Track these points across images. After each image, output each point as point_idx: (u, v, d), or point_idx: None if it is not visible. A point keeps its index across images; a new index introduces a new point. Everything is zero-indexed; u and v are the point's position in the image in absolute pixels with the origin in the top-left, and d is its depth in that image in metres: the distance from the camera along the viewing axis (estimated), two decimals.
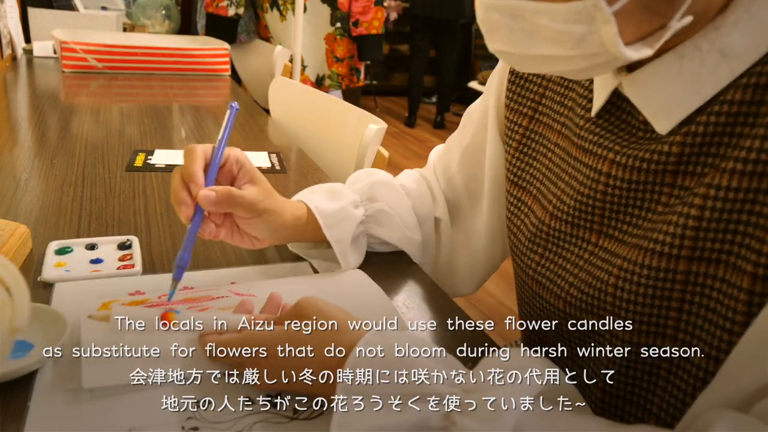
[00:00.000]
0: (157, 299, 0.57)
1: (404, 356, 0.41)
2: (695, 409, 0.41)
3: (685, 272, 0.43)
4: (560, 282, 0.53)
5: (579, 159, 0.52)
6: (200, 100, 1.68)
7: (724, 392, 0.39)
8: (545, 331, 0.57)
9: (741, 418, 0.36)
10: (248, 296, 0.60)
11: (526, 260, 0.58)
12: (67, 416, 0.42)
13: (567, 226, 0.53)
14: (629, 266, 0.46)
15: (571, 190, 0.53)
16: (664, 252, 0.44)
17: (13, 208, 0.78)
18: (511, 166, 0.63)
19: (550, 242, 0.55)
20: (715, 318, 0.42)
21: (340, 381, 0.40)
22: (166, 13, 2.49)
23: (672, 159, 0.44)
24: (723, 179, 0.41)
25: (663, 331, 0.45)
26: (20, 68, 1.81)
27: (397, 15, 4.99)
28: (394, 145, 4.42)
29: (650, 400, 0.48)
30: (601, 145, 0.49)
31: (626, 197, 0.48)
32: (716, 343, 0.41)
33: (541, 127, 0.60)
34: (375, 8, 2.42)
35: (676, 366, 0.45)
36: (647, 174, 0.46)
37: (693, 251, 0.43)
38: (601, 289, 0.48)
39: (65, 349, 0.49)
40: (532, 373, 0.39)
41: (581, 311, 0.51)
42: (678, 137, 0.44)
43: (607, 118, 0.50)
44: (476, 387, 0.40)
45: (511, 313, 2.27)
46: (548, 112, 0.59)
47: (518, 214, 0.62)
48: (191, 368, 0.48)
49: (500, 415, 0.36)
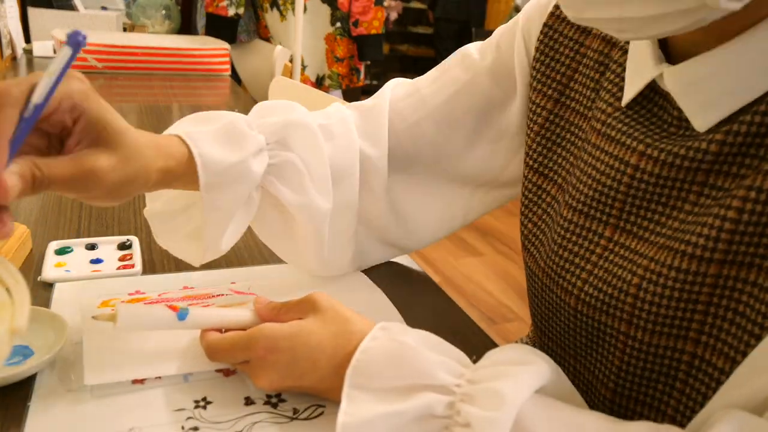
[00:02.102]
0: (158, 297, 0.57)
1: (411, 348, 0.42)
2: (705, 411, 0.41)
3: (716, 275, 0.41)
4: (570, 277, 0.51)
5: (602, 148, 0.49)
6: (200, 100, 1.68)
7: (737, 394, 0.39)
8: (554, 325, 0.55)
9: (748, 419, 0.36)
10: (249, 295, 0.60)
11: (543, 252, 0.55)
12: (67, 417, 0.42)
13: (581, 218, 0.51)
14: (656, 267, 0.44)
15: (590, 180, 0.50)
16: (696, 254, 0.42)
17: (13, 208, 0.77)
18: (531, 151, 0.59)
19: (560, 235, 0.53)
20: (743, 322, 0.40)
21: (347, 377, 0.41)
22: (166, 13, 2.49)
23: (709, 158, 0.42)
24: (765, 181, 0.39)
25: (685, 334, 0.44)
26: (20, 68, 1.81)
27: (397, 15, 4.99)
28: None
29: (665, 401, 0.47)
30: (630, 136, 0.47)
31: (652, 192, 0.46)
32: (742, 347, 0.40)
33: (568, 112, 0.56)
34: (375, 8, 2.42)
35: (696, 369, 0.44)
36: (678, 171, 0.44)
37: (726, 254, 0.41)
38: (622, 288, 0.46)
39: (65, 350, 0.49)
40: (534, 367, 0.40)
41: (595, 310, 0.49)
42: (718, 135, 0.42)
43: (637, 110, 0.48)
44: (480, 378, 0.40)
45: (511, 313, 2.27)
46: (577, 97, 0.55)
47: (538, 202, 0.58)
48: (193, 367, 0.49)
49: (503, 402, 0.37)
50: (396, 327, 0.45)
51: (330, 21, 2.41)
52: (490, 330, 2.14)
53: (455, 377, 0.41)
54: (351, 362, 0.41)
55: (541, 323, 0.58)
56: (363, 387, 0.41)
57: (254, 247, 0.72)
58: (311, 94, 1.43)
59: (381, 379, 0.41)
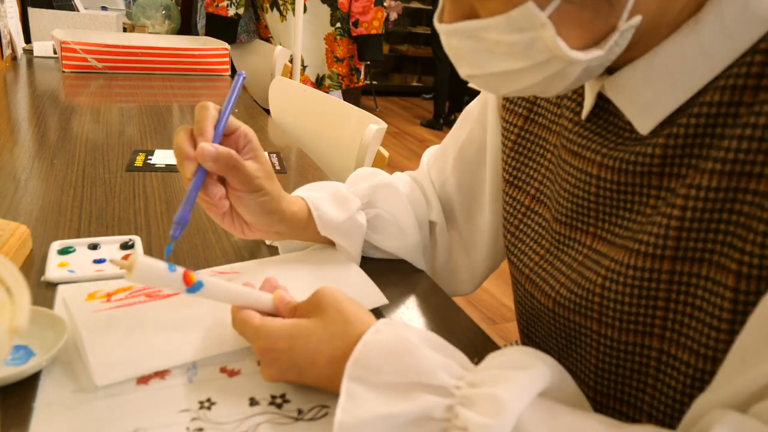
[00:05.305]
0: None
1: (413, 345, 0.42)
2: (694, 410, 0.41)
3: (670, 272, 0.44)
4: (552, 282, 0.54)
5: (569, 162, 0.53)
6: (200, 100, 1.67)
7: (721, 393, 0.40)
8: (538, 329, 0.58)
9: (742, 420, 0.36)
10: (230, 273, 0.61)
11: (525, 260, 0.59)
12: (72, 417, 0.42)
13: (566, 229, 0.54)
14: (616, 267, 0.47)
15: (566, 193, 0.54)
16: (648, 252, 0.45)
17: (13, 208, 0.78)
18: (507, 165, 0.63)
19: (553, 245, 0.56)
20: (701, 316, 0.43)
21: (348, 367, 0.41)
22: (166, 13, 2.49)
23: (656, 161, 0.45)
24: (703, 179, 0.42)
25: (650, 330, 0.46)
26: (20, 68, 1.81)
27: (397, 15, 4.99)
28: (394, 145, 4.42)
29: (641, 398, 0.49)
30: (589, 149, 0.50)
31: (617, 199, 0.49)
32: (704, 340, 0.42)
33: (536, 127, 0.60)
34: (375, 8, 2.42)
35: (665, 364, 0.46)
36: (634, 176, 0.47)
37: (676, 251, 0.43)
38: (589, 289, 0.49)
39: (69, 350, 0.48)
40: (536, 371, 0.40)
41: (569, 311, 0.52)
42: (660, 139, 0.44)
43: (595, 122, 0.51)
44: (480, 381, 0.40)
45: (511, 313, 2.27)
46: (544, 113, 0.59)
47: (515, 213, 0.62)
48: (197, 355, 0.49)
49: (503, 409, 0.37)
50: (400, 323, 0.45)
51: (330, 21, 2.41)
52: (490, 330, 2.14)
53: (455, 379, 0.40)
54: (352, 353, 0.42)
55: (526, 328, 0.61)
56: (362, 380, 0.41)
57: (255, 247, 0.72)
58: (311, 94, 1.42)
59: (381, 374, 0.41)
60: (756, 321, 0.38)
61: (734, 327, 0.40)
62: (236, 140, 0.57)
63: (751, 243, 0.39)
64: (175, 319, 0.52)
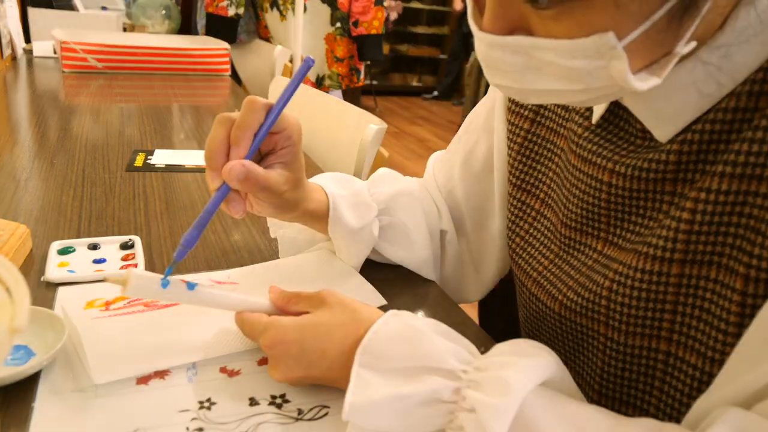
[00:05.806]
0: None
1: (422, 332, 0.42)
2: (695, 409, 0.42)
3: (678, 275, 0.44)
4: (560, 285, 0.54)
5: (579, 168, 0.52)
6: (200, 100, 1.68)
7: (723, 393, 0.40)
8: (542, 333, 0.58)
9: (745, 416, 0.36)
10: (229, 284, 0.61)
11: (534, 263, 0.58)
12: (72, 417, 0.42)
13: (576, 234, 0.54)
14: (624, 270, 0.47)
15: (575, 199, 0.53)
16: (657, 255, 0.44)
17: (13, 208, 0.78)
18: (514, 169, 0.62)
19: (562, 249, 0.56)
20: (709, 319, 0.42)
21: (358, 355, 0.42)
22: (166, 13, 2.49)
23: (670, 167, 0.45)
24: (713, 183, 0.41)
25: (657, 333, 0.46)
26: (20, 68, 1.81)
27: (398, 15, 4.99)
28: (394, 145, 4.42)
29: (647, 401, 0.49)
30: (600, 155, 0.49)
31: (629, 205, 0.48)
32: (711, 343, 0.42)
33: (544, 130, 0.59)
34: (375, 8, 2.42)
35: (672, 367, 0.46)
36: (647, 183, 0.46)
37: (685, 254, 0.43)
38: (596, 292, 0.49)
39: (68, 350, 0.48)
40: (542, 359, 0.41)
41: (576, 314, 0.51)
42: (675, 145, 0.44)
43: (605, 127, 0.51)
44: (488, 366, 0.41)
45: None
46: (551, 116, 0.59)
47: (523, 216, 0.61)
48: (197, 356, 0.49)
49: (509, 389, 0.37)
50: (407, 314, 0.45)
51: (330, 21, 2.42)
52: None
53: (463, 364, 0.41)
54: (362, 342, 0.42)
55: (531, 331, 0.60)
56: (372, 367, 0.41)
57: (254, 248, 0.72)
58: (311, 94, 1.42)
59: (390, 360, 0.41)
60: (760, 321, 0.38)
61: (742, 330, 0.40)
62: (276, 140, 0.53)
63: (759, 246, 0.39)
64: (175, 324, 0.52)
